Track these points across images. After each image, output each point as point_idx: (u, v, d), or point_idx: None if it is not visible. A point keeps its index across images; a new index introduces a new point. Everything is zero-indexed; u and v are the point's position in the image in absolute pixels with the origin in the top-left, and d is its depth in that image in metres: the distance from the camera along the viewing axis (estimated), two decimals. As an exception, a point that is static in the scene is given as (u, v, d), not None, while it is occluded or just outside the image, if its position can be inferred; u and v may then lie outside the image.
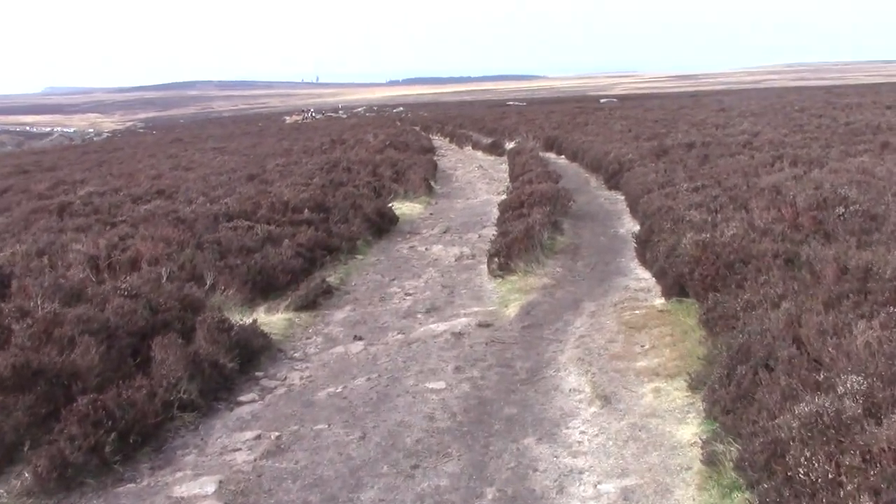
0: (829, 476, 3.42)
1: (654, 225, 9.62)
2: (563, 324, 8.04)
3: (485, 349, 7.40)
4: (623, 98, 78.32)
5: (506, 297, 9.19)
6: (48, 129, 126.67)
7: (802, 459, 3.55)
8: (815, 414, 3.75)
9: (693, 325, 6.97)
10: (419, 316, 8.81)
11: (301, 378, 7.00)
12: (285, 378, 7.01)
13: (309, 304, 9.06)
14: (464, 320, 8.34)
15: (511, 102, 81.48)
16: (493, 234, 12.33)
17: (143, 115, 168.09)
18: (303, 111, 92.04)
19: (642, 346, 6.91)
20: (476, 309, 8.85)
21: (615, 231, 12.58)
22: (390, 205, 15.20)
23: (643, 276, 9.53)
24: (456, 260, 11.58)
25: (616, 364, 6.59)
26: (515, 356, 7.18)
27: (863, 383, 3.98)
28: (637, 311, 7.95)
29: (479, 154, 29.37)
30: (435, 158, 28.06)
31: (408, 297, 9.69)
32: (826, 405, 3.79)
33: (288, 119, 79.86)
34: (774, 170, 12.27)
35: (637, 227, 12.34)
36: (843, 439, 3.61)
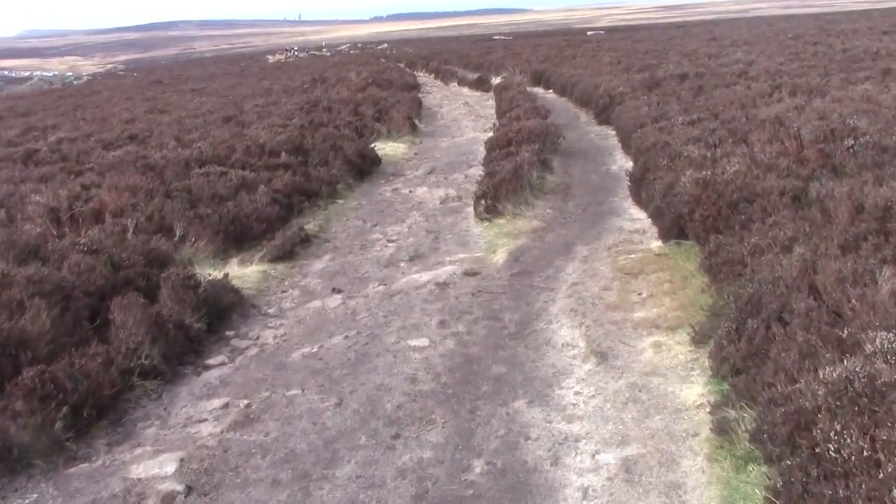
0: (865, 453, 2.98)
1: (649, 162, 9.08)
2: (555, 270, 7.56)
3: (471, 300, 6.93)
4: (611, 30, 76.75)
5: (493, 242, 8.69)
6: (27, 73, 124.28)
7: (832, 434, 3.10)
8: (844, 380, 3.29)
9: (694, 271, 6.50)
10: (402, 264, 8.31)
11: (275, 337, 6.53)
12: (258, 337, 6.54)
13: (285, 255, 8.55)
14: (449, 269, 7.85)
15: (497, 37, 79.89)
16: (480, 175, 11.79)
17: (123, 57, 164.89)
18: (286, 50, 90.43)
19: (639, 295, 6.44)
20: (462, 255, 8.36)
21: (607, 168, 12.04)
22: (373, 145, 14.58)
23: (638, 217, 9.04)
24: (441, 203, 11.05)
25: (612, 315, 6.13)
26: (504, 307, 6.71)
27: (894, 340, 3.52)
28: (633, 256, 7.47)
29: (465, 90, 28.58)
30: (420, 96, 27.27)
31: (390, 244, 9.19)
32: (857, 369, 3.32)
33: (271, 58, 78.45)
34: (773, 100, 11.70)
35: (630, 164, 11.81)
36: (877, 409, 3.15)
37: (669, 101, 13.63)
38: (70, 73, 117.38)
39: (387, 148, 15.55)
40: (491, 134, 16.07)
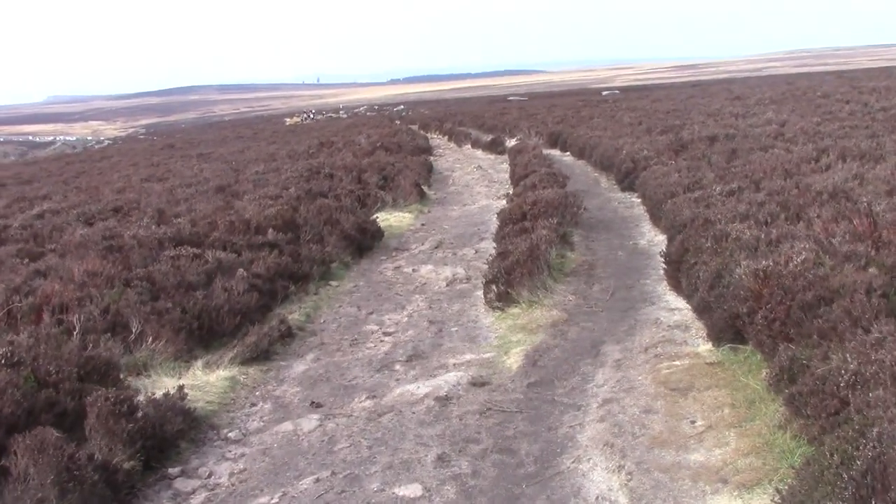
0: None
1: (688, 241, 7.75)
2: (581, 379, 6.19)
3: (478, 422, 5.56)
4: (626, 90, 76.16)
5: (506, 339, 7.34)
6: (50, 137, 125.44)
7: None
8: None
9: (760, 391, 5.12)
10: (398, 367, 6.98)
11: (231, 475, 5.16)
12: (210, 475, 5.17)
13: (261, 355, 7.24)
14: (453, 376, 6.49)
15: (512, 97, 79.60)
16: (492, 252, 10.50)
17: (144, 121, 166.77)
18: (304, 112, 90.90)
19: (693, 423, 5.04)
20: (469, 356, 7.01)
21: (634, 243, 10.72)
22: (375, 216, 13.37)
23: (676, 305, 7.68)
24: (447, 284, 9.75)
25: (660, 455, 4.72)
26: (519, 433, 5.34)
27: None
28: (678, 363, 6.09)
29: (479, 153, 27.49)
30: (431, 159, 26.23)
31: (386, 339, 7.86)
32: None
33: (288, 121, 78.84)
34: (821, 166, 10.40)
35: (660, 238, 10.53)
36: None
37: (700, 167, 12.36)
38: (91, 137, 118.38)
39: (391, 219, 14.33)
40: (504, 202, 14.88)
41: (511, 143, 27.09)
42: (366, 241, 11.71)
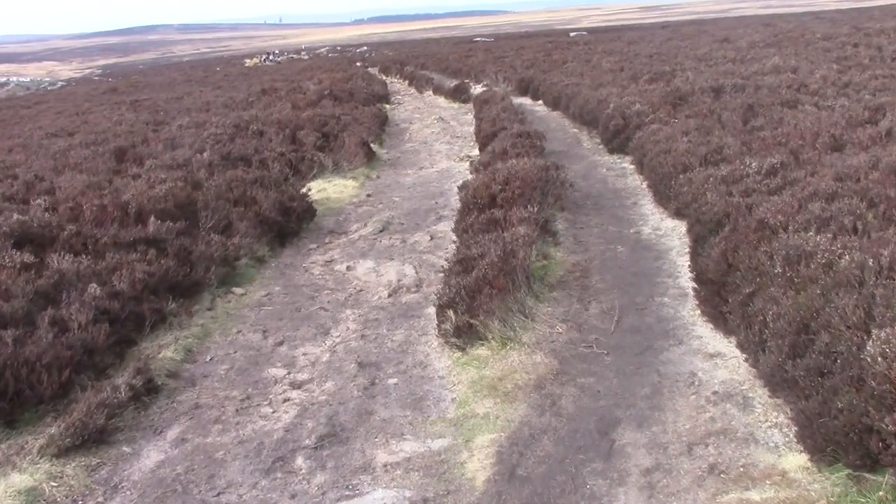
0: None
1: (735, 254, 5.28)
2: (590, 510, 3.76)
3: None
4: (593, 31, 72.92)
5: (468, 409, 4.87)
6: (3, 79, 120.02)
7: None
8: None
9: None
10: (299, 463, 4.49)
11: None
12: None
13: (91, 437, 4.70)
14: (382, 496, 4.02)
15: (478, 39, 76.21)
16: (452, 241, 7.98)
17: (101, 62, 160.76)
18: (266, 53, 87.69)
19: None
20: (410, 447, 4.54)
21: (636, 231, 8.22)
22: (307, 188, 10.75)
23: (717, 347, 5.25)
24: (390, 294, 7.23)
25: None
26: None
27: None
28: (754, 495, 3.63)
29: (441, 100, 24.67)
30: (388, 108, 23.48)
31: (293, 396, 5.36)
32: None
33: (248, 62, 75.80)
34: (881, 132, 7.93)
35: (668, 223, 8.12)
36: None
37: (712, 128, 9.87)
38: (46, 79, 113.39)
39: (330, 188, 11.70)
40: (467, 165, 12.36)
41: (477, 89, 24.37)
42: (291, 225, 9.12)
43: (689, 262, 6.58)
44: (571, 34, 65.25)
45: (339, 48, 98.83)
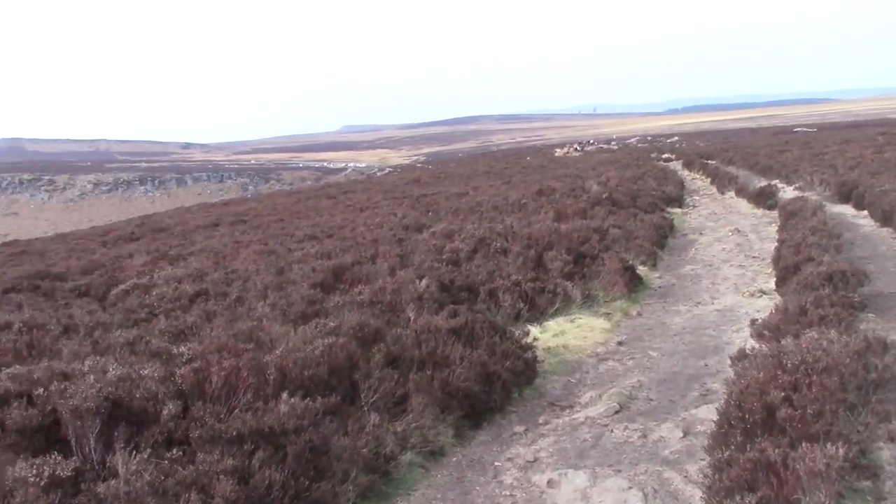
0: None
1: None
2: None
3: None
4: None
5: None
6: (342, 164, 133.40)
7: None
8: None
9: None
10: None
11: None
12: None
13: None
14: None
15: (798, 129, 70.14)
16: (712, 431, 5.21)
17: (426, 150, 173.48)
18: (574, 143, 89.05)
19: None
20: None
21: None
22: (540, 329, 8.47)
23: None
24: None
25: None
26: None
27: None
28: None
29: (743, 204, 21.28)
30: (680, 212, 20.65)
31: None
32: None
33: (558, 151, 77.81)
34: None
35: None
36: None
37: None
38: (377, 165, 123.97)
39: (571, 330, 9.28)
40: (761, 301, 9.41)
41: (787, 192, 20.76)
42: (492, 397, 6.84)
43: None
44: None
45: (649, 138, 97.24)
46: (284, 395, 5.65)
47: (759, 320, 7.84)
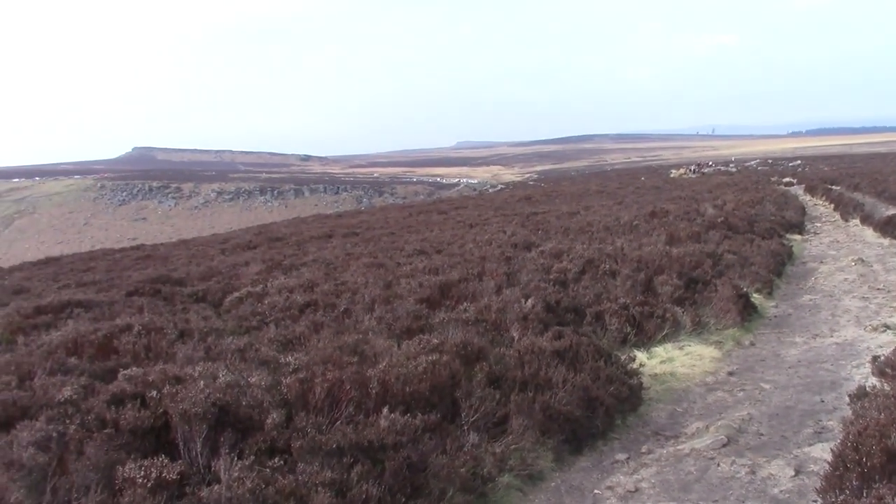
0: None
1: None
2: None
3: None
4: None
5: None
6: (455, 180, 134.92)
7: None
8: None
9: None
10: None
11: None
12: None
13: None
14: None
15: (935, 154, 66.46)
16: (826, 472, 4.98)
17: (539, 168, 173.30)
18: (692, 165, 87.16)
19: None
20: None
21: None
22: (647, 355, 8.27)
23: None
24: None
25: None
26: None
27: None
28: None
29: (868, 233, 20.28)
30: (800, 238, 19.87)
31: None
32: None
33: (673, 172, 76.44)
34: None
35: None
36: None
37: None
38: (489, 182, 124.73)
39: (680, 358, 9.03)
40: (885, 336, 8.96)
41: (919, 223, 19.61)
42: (594, 423, 6.72)
43: None
44: None
45: (770, 160, 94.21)
46: (385, 410, 5.72)
47: (882, 357, 7.43)
